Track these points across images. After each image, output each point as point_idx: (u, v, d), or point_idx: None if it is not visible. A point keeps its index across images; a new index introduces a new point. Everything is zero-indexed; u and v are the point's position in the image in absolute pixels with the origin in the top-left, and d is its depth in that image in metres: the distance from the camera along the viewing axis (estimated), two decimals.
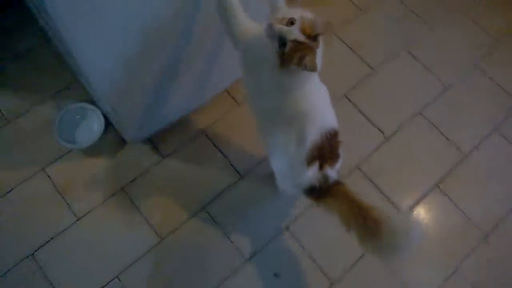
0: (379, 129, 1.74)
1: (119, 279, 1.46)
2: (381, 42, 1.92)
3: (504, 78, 1.85)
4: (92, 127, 1.65)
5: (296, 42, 1.01)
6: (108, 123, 1.62)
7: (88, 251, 1.50)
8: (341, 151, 1.26)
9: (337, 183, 1.24)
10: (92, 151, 1.63)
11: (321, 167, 1.21)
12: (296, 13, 1.04)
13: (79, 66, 1.24)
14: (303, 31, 1.02)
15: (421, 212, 1.61)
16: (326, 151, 1.21)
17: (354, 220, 1.15)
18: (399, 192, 1.63)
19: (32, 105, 1.69)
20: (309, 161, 1.20)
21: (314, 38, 1.03)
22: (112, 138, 1.64)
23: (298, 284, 1.50)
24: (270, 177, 1.50)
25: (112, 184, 1.59)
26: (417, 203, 1.62)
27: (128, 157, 1.63)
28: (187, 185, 1.60)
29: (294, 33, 1.01)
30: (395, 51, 1.89)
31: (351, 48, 1.88)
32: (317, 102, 1.20)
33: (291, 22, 1.02)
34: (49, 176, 1.58)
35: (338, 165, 1.27)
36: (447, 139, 1.73)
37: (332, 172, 1.24)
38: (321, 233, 1.54)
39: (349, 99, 1.78)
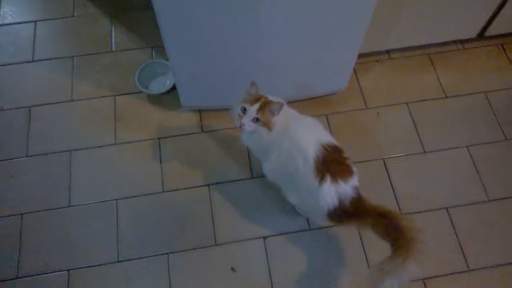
0: (398, 202, 1.74)
1: (116, 202, 1.72)
2: (447, 130, 1.90)
3: None
4: (165, 82, 1.95)
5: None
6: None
7: (108, 170, 1.79)
8: (354, 168, 1.36)
9: (357, 200, 1.33)
10: (154, 100, 1.93)
11: (333, 179, 1.31)
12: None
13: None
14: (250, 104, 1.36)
15: None
16: (333, 164, 1.31)
17: (385, 231, 1.26)
18: None
19: (134, 48, 2.06)
20: (319, 176, 1.31)
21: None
22: (173, 98, 1.91)
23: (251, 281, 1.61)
24: (275, 191, 1.64)
25: (153, 131, 1.87)
26: None
27: (176, 118, 1.90)
28: (207, 161, 1.81)
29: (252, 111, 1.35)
30: (456, 144, 1.87)
31: (414, 123, 1.91)
32: (306, 129, 1.39)
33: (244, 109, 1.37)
34: (115, 103, 1.92)
35: (353, 180, 1.35)
36: (461, 247, 1.67)
37: (347, 187, 1.32)
38: (289, 260, 1.62)
39: (385, 163, 1.81)
